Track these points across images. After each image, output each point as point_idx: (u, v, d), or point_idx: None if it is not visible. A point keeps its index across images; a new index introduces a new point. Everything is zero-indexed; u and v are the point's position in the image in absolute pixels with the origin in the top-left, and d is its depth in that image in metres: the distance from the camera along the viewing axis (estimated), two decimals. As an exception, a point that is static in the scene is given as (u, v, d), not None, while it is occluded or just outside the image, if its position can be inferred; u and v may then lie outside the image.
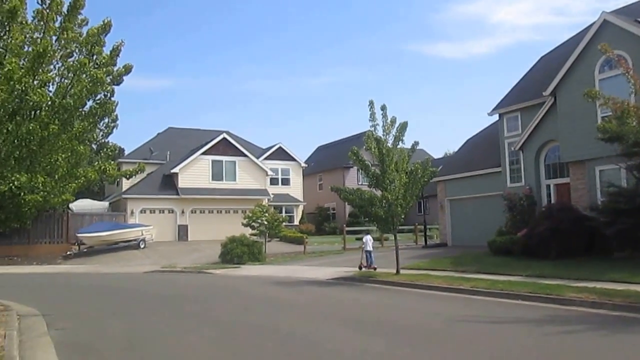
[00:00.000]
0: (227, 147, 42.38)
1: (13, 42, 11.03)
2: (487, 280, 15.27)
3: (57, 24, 11.92)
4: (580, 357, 7.81)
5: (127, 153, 49.14)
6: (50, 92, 11.42)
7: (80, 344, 9.15)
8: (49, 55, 11.10)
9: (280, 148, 48.76)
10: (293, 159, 49.15)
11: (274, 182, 46.59)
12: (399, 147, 18.82)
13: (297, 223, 46.04)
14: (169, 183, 40.86)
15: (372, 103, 18.62)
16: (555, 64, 23.71)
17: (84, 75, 11.40)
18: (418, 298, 14.23)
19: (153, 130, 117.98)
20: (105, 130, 37.98)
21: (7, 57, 10.78)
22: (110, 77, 12.08)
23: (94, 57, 12.01)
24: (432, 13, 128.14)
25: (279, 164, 47.99)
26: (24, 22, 11.55)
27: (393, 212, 18.28)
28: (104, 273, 25.03)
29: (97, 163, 12.80)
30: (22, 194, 10.67)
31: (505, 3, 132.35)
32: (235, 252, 27.50)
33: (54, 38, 11.79)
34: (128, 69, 12.38)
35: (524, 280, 15.04)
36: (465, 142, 34.29)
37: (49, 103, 11.04)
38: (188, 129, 51.18)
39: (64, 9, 11.95)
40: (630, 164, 17.18)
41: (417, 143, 19.35)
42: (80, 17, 12.25)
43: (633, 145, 16.16)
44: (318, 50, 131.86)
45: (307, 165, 51.40)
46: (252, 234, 30.23)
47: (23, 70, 10.49)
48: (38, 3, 11.80)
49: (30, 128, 10.46)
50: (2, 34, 10.96)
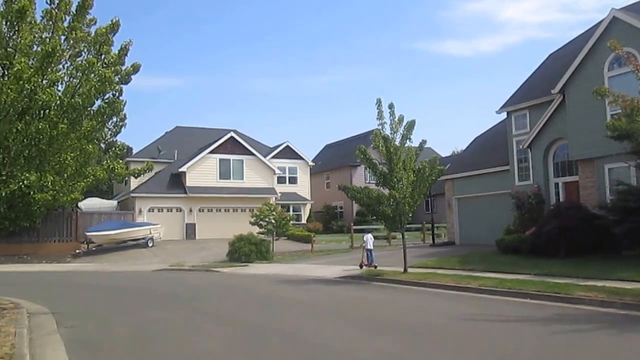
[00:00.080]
0: (234, 145, 42.47)
1: (22, 41, 11.09)
2: (495, 279, 15.24)
3: (65, 24, 11.96)
4: (589, 356, 7.78)
5: (135, 152, 49.34)
6: (59, 91, 11.47)
7: (90, 342, 9.21)
8: (58, 55, 11.15)
9: (288, 147, 48.82)
10: (300, 158, 49.19)
11: (282, 180, 46.64)
12: (407, 145, 18.79)
13: (304, 222, 46.10)
14: (177, 182, 41.00)
15: (379, 101, 18.62)
16: (564, 62, 23.60)
17: (93, 75, 11.45)
18: (426, 297, 14.21)
19: (161, 129, 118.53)
20: (114, 130, 38.00)
21: (16, 56, 10.84)
22: (119, 76, 12.12)
23: (103, 56, 12.06)
24: (439, 11, 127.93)
25: (287, 163, 48.06)
26: (33, 22, 11.59)
27: (401, 210, 18.26)
28: (113, 271, 25.18)
29: (105, 162, 12.85)
30: (31, 193, 10.72)
31: (513, 0, 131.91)
32: (243, 250, 27.60)
33: (63, 38, 11.84)
34: (136, 68, 12.42)
35: (532, 279, 14.99)
36: (473, 140, 34.22)
37: (58, 102, 11.09)
38: (195, 128, 51.31)
39: (73, 9, 12.00)
40: (640, 162, 17.10)
41: (424, 141, 19.34)
42: (89, 16, 12.29)
43: (643, 143, 16.08)
44: (325, 49, 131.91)
45: (314, 164, 51.38)
46: (259, 233, 30.29)
47: (32, 70, 10.55)
48: (47, 3, 11.85)
49: (40, 127, 10.51)
50: (11, 34, 11.02)
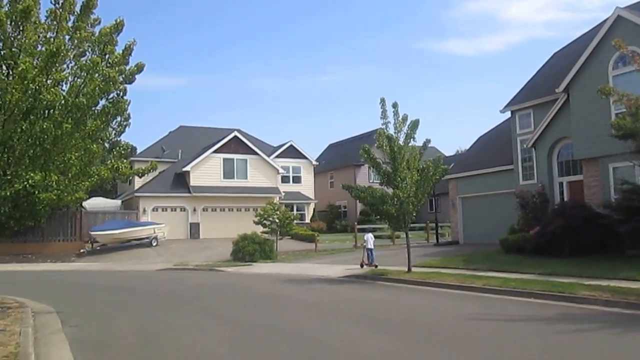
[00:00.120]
0: (238, 145, 42.50)
1: (27, 41, 11.18)
2: (499, 278, 15.19)
3: (70, 24, 12.05)
4: (594, 355, 7.75)
5: (139, 151, 49.48)
6: (64, 91, 11.55)
7: (94, 341, 9.21)
8: (62, 55, 11.25)
9: (292, 146, 48.84)
10: (304, 157, 49.21)
11: (285, 180, 46.64)
12: (411, 144, 18.75)
13: (308, 221, 46.12)
14: (181, 181, 41.06)
15: (383, 101, 18.58)
16: (568, 61, 23.53)
17: (97, 75, 11.54)
18: (430, 296, 14.18)
19: (164, 129, 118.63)
20: (118, 129, 38.17)
21: (21, 56, 10.93)
22: (123, 76, 12.21)
23: (107, 56, 12.16)
24: (443, 10, 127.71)
25: (290, 162, 48.08)
26: (38, 21, 11.69)
27: (404, 210, 18.22)
28: (117, 271, 25.20)
29: (109, 161, 12.96)
30: (36, 193, 10.80)
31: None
32: (247, 249, 27.62)
33: (67, 37, 11.94)
34: (140, 68, 12.51)
35: (537, 279, 14.94)
36: (477, 139, 34.13)
37: (63, 102, 11.18)
38: (199, 128, 51.37)
39: (77, 9, 12.07)
40: (645, 161, 17.04)
41: (428, 141, 19.26)
42: (93, 16, 12.37)
43: (647, 142, 16.02)
44: (329, 48, 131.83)
45: (318, 163, 51.40)
46: (263, 232, 30.30)
47: (37, 70, 10.63)
48: (51, 3, 11.96)
49: (44, 127, 10.58)
50: (16, 34, 11.11)
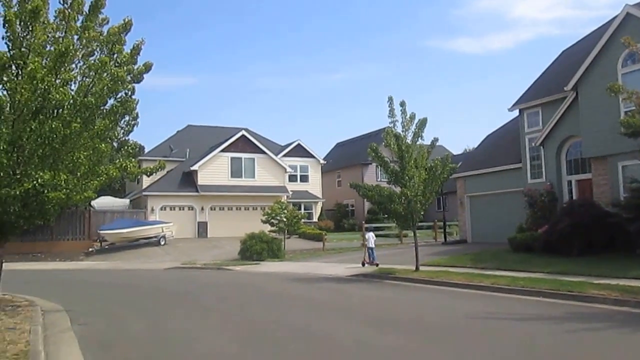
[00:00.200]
0: (246, 144, 42.57)
1: (36, 41, 11.18)
2: (507, 277, 15.17)
3: (78, 24, 12.04)
4: (603, 354, 7.72)
5: (147, 151, 49.67)
6: (72, 90, 11.55)
7: (103, 340, 9.27)
8: (71, 55, 11.23)
9: (299, 145, 48.88)
10: (312, 156, 49.24)
11: (293, 179, 46.70)
12: (419, 143, 18.72)
13: (315, 220, 46.15)
14: (189, 180, 41.18)
15: (391, 99, 18.58)
16: (577, 59, 23.41)
17: (105, 74, 11.52)
18: (438, 295, 14.17)
19: (172, 128, 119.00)
20: (126, 128, 38.26)
21: (30, 56, 10.94)
22: (131, 75, 12.19)
23: (115, 55, 12.12)
24: (451, 8, 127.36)
25: (298, 161, 48.11)
26: (46, 21, 11.67)
27: (412, 208, 18.21)
28: (125, 269, 25.34)
29: (118, 161, 12.91)
30: (45, 192, 10.80)
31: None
32: (255, 248, 27.68)
33: (76, 37, 11.91)
34: (148, 67, 12.48)
35: (545, 277, 14.90)
36: (485, 138, 34.06)
37: (71, 101, 11.17)
38: (207, 127, 51.49)
39: (86, 9, 12.08)
40: (654, 160, 16.95)
41: (436, 139, 19.24)
42: (101, 16, 12.36)
43: (657, 141, 15.93)
44: (336, 47, 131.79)
45: (325, 162, 51.42)
46: (271, 231, 30.36)
47: (46, 70, 10.64)
48: (60, 3, 11.93)
49: (53, 126, 10.59)
50: (25, 34, 11.11)
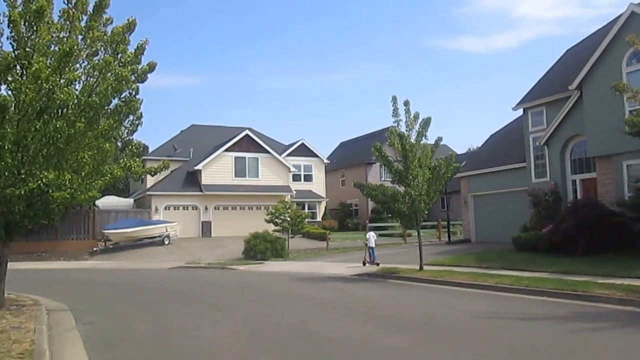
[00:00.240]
0: (249, 143, 42.59)
1: (40, 41, 11.21)
2: (511, 277, 15.14)
3: (82, 23, 12.08)
4: (607, 354, 7.71)
5: (151, 150, 49.78)
6: (77, 90, 11.57)
7: (108, 339, 9.29)
8: (75, 54, 11.26)
9: (303, 144, 48.86)
10: (315, 155, 49.21)
11: (297, 178, 46.70)
12: (422, 142, 18.69)
13: (319, 219, 46.13)
14: (193, 180, 41.23)
15: (395, 99, 18.54)
16: (581, 57, 23.35)
17: (109, 74, 11.55)
18: (442, 294, 14.15)
19: (176, 128, 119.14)
20: (130, 128, 38.51)
21: (34, 56, 10.97)
22: (135, 75, 12.21)
23: (119, 55, 12.14)
24: (455, 7, 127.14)
25: (302, 161, 48.09)
26: (51, 21, 11.70)
27: (416, 208, 18.19)
28: (129, 269, 25.39)
29: (122, 160, 12.93)
30: (50, 191, 10.82)
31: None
32: (259, 248, 27.69)
33: (80, 37, 11.95)
34: (152, 67, 12.49)
35: (550, 277, 14.88)
36: (489, 137, 33.98)
37: (76, 101, 11.20)
38: (211, 126, 51.52)
39: (90, 9, 12.11)
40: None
41: (440, 138, 19.22)
42: (105, 16, 12.39)
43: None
44: (339, 47, 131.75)
45: (329, 162, 51.39)
46: (275, 230, 30.35)
47: (50, 69, 10.66)
48: (64, 3, 11.96)
49: (58, 126, 10.62)
50: (29, 34, 11.14)
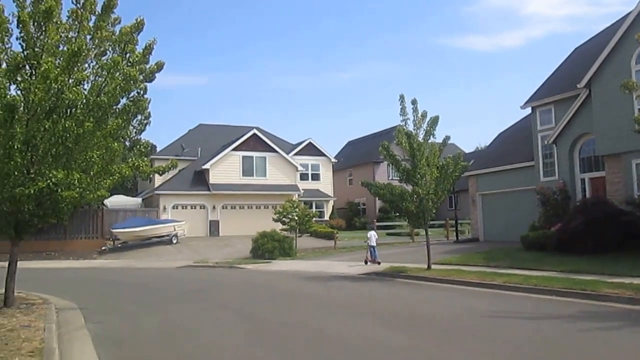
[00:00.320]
0: (257, 142, 42.63)
1: (49, 41, 11.27)
2: (520, 276, 15.09)
3: (91, 23, 12.13)
4: (616, 353, 7.67)
5: (159, 150, 49.93)
6: (85, 90, 11.62)
7: (117, 337, 9.34)
8: (84, 54, 11.31)
9: (310, 143, 48.85)
10: (323, 155, 49.20)
11: (304, 177, 46.73)
12: (430, 141, 18.64)
13: (327, 218, 46.11)
14: (201, 179, 41.32)
15: (402, 97, 18.50)
16: (590, 56, 23.23)
17: (118, 74, 11.59)
18: (450, 293, 14.12)
19: (184, 127, 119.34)
20: (138, 127, 38.58)
21: (43, 56, 11.03)
22: (143, 74, 12.24)
23: (127, 55, 12.19)
24: (463, 6, 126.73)
25: (309, 160, 48.10)
26: (59, 22, 11.75)
27: (424, 207, 18.16)
28: (138, 268, 25.50)
29: (130, 160, 12.98)
30: (59, 191, 10.88)
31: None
32: (266, 247, 27.72)
33: (89, 37, 12.00)
34: (160, 66, 12.53)
35: (558, 276, 14.82)
36: (497, 136, 33.88)
37: (84, 101, 11.25)
38: (218, 125, 51.62)
39: (98, 9, 12.16)
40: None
41: (448, 137, 19.16)
42: (113, 16, 12.43)
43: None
44: (347, 46, 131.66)
45: (337, 161, 51.36)
46: (282, 229, 30.37)
47: (59, 69, 10.72)
48: (73, 3, 12.02)
49: (67, 126, 10.67)
50: (38, 34, 11.21)
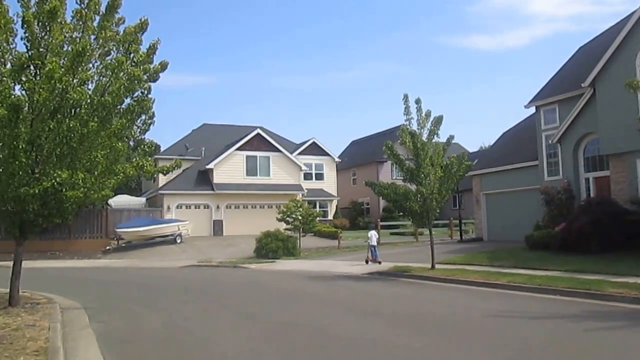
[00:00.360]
0: (261, 142, 42.63)
1: (53, 41, 11.29)
2: (524, 275, 15.07)
3: (95, 24, 12.15)
4: (621, 353, 7.65)
5: (163, 149, 49.95)
6: (90, 90, 11.65)
7: (121, 337, 9.36)
8: (88, 54, 11.33)
9: (314, 143, 48.86)
10: (326, 154, 49.21)
11: (308, 177, 46.72)
12: (434, 141, 18.63)
13: (331, 218, 46.12)
14: (204, 179, 41.37)
15: (406, 97, 18.47)
16: (595, 55, 23.16)
17: (122, 73, 11.60)
18: (454, 293, 14.11)
19: (188, 127, 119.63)
20: (142, 127, 38.47)
21: (48, 56, 11.05)
22: (147, 74, 12.26)
23: (131, 55, 12.21)
24: (467, 5, 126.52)
25: (313, 159, 48.11)
26: (64, 22, 11.77)
27: (428, 206, 18.14)
28: (142, 267, 25.55)
29: (134, 159, 12.99)
30: (63, 190, 10.91)
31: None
32: (270, 246, 27.75)
33: (93, 37, 12.02)
34: (164, 66, 12.54)
35: (562, 276, 14.80)
36: (502, 135, 33.83)
37: (89, 101, 11.28)
38: (222, 125, 51.65)
39: (102, 9, 12.19)
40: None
41: (452, 137, 19.14)
42: (117, 16, 12.45)
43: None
44: (351, 45, 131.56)
45: (340, 160, 51.37)
46: (286, 229, 30.40)
47: (63, 69, 10.74)
48: (77, 3, 12.04)
49: (71, 125, 10.70)
50: (43, 34, 11.23)
